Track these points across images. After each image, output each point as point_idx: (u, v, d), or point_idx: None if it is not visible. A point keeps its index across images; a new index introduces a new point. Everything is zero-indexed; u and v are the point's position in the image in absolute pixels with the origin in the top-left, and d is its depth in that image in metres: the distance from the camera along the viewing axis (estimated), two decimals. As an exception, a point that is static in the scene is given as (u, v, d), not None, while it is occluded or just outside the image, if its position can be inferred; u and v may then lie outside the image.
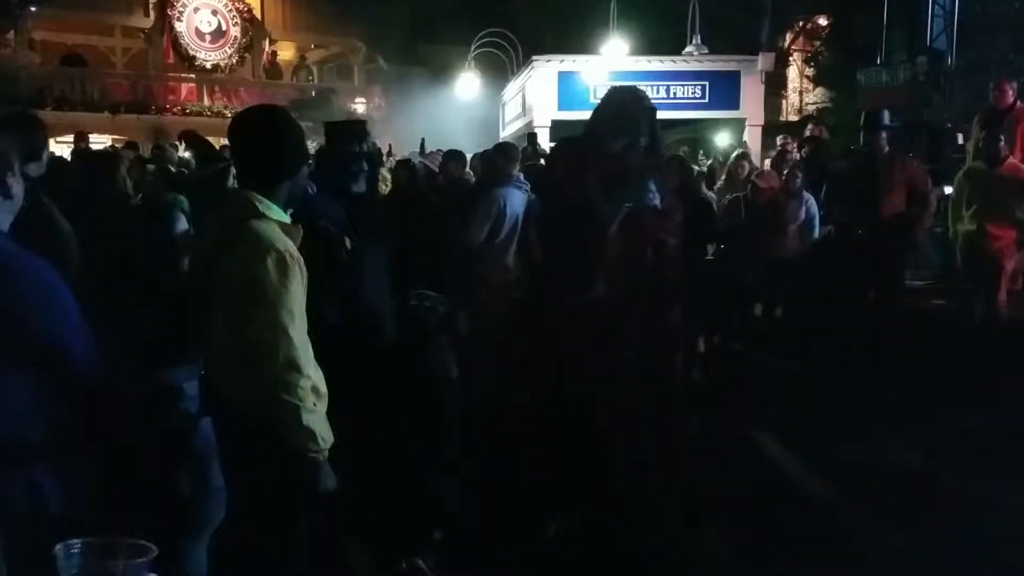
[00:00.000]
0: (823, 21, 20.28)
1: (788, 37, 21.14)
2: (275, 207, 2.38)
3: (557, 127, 14.07)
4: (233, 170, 3.06)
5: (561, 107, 14.57)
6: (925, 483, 4.23)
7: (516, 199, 5.33)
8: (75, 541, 0.90)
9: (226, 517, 2.70)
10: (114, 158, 4.64)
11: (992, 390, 5.00)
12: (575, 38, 16.82)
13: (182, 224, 2.85)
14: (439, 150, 7.69)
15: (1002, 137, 6.11)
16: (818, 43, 20.58)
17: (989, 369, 5.25)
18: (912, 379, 5.53)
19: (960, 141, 8.51)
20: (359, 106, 21.22)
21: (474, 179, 6.88)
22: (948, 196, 6.68)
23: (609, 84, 14.40)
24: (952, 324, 6.60)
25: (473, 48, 19.04)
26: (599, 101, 3.67)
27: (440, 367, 3.25)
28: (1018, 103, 6.70)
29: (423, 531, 3.45)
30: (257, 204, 2.35)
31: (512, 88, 17.90)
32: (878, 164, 6.24)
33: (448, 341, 3.33)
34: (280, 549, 2.45)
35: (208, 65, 20.17)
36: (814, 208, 6.80)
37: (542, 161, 7.46)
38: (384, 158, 10.46)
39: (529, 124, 15.09)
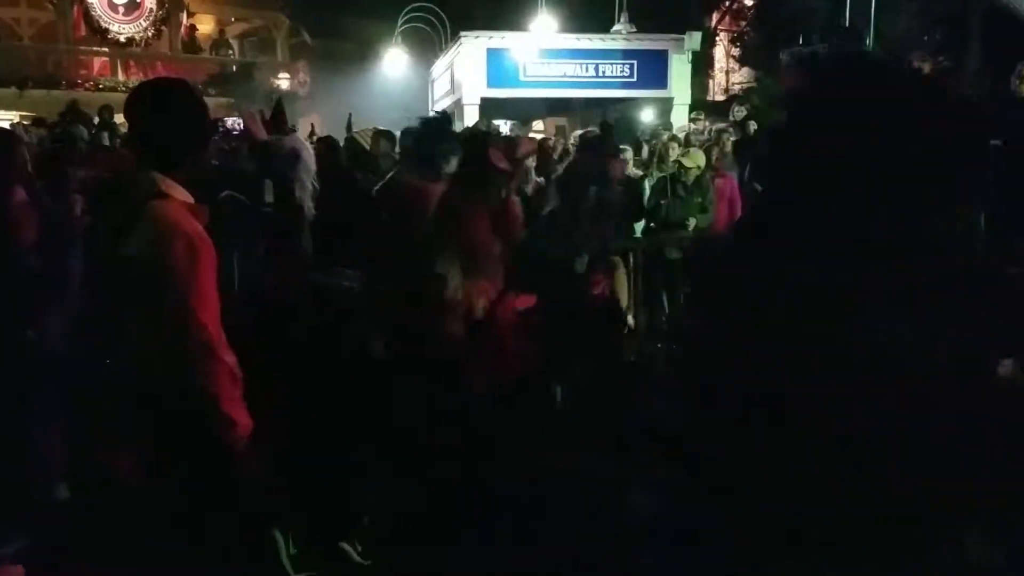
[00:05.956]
0: (749, 1, 20.60)
1: (715, 17, 21.41)
2: (179, 187, 2.27)
3: (487, 105, 13.97)
4: None
5: (491, 84, 14.42)
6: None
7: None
8: None
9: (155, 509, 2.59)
10: (11, 137, 4.36)
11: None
12: (504, 14, 16.68)
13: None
14: (375, 128, 7.46)
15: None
16: (744, 23, 20.91)
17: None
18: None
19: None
20: (283, 82, 20.68)
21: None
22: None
23: (539, 62, 14.46)
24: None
25: (400, 23, 18.71)
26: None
27: (359, 347, 3.17)
28: (932, 82, 6.89)
29: (351, 516, 3.39)
30: (160, 184, 2.24)
31: (441, 64, 17.67)
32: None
33: (370, 319, 3.25)
34: (205, 537, 2.38)
35: (122, 38, 19.31)
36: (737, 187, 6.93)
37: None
38: (309, 137, 10.22)
39: (458, 102, 14.93)
